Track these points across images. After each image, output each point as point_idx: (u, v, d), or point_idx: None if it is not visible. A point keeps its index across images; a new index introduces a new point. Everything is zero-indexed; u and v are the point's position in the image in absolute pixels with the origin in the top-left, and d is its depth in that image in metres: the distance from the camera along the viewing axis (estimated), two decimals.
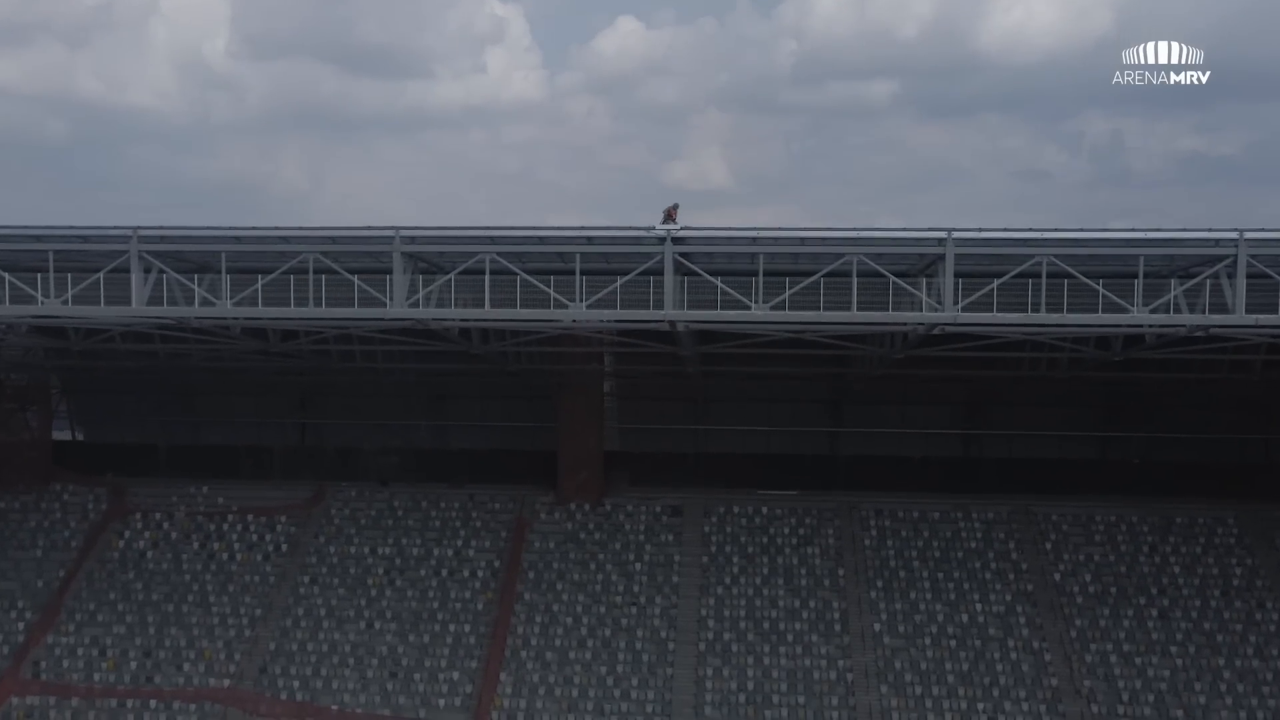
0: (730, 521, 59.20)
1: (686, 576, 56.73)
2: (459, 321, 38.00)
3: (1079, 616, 53.99)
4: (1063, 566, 56.29)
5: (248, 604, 55.96)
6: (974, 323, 34.73)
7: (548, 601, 55.61)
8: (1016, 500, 59.16)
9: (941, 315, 34.09)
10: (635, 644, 53.66)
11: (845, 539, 58.15)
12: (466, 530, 59.11)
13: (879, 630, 53.78)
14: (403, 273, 34.41)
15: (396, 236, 34.35)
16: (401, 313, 34.82)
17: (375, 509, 60.45)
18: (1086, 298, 34.59)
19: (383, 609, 55.53)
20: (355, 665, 53.04)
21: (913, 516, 58.86)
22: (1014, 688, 51.10)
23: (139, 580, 57.07)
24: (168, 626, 54.89)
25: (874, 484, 60.55)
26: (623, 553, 57.81)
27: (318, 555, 58.21)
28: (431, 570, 57.20)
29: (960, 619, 54.16)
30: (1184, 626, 53.27)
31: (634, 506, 59.94)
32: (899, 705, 50.70)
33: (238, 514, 60.24)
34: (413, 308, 35.13)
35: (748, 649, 53.32)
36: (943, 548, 57.40)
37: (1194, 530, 57.56)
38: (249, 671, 52.94)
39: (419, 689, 52.07)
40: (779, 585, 56.00)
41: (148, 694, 52.16)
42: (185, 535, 59.31)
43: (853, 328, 36.84)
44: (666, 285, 33.87)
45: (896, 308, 34.97)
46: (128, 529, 59.79)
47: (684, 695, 51.49)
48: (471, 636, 54.19)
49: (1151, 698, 50.43)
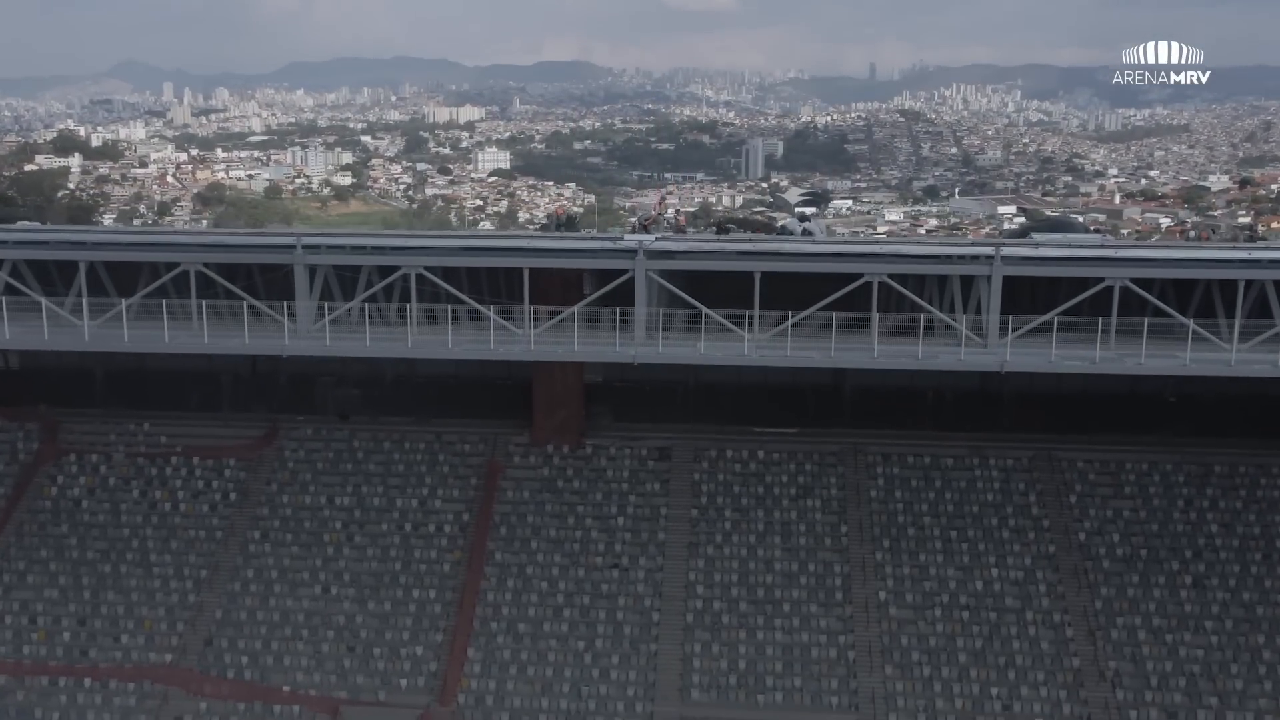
0: (723, 467, 53.69)
1: (674, 534, 51.57)
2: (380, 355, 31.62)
3: (1105, 585, 49.00)
4: (1088, 524, 51.01)
5: (192, 564, 51.02)
6: (1028, 368, 28.44)
7: (521, 563, 50.62)
8: (1038, 444, 53.40)
9: (986, 357, 27.70)
10: (617, 614, 48.89)
11: (849, 489, 52.73)
12: (433, 477, 53.67)
13: (884, 599, 48.92)
14: (307, 293, 27.91)
15: (298, 245, 27.71)
16: (302, 347, 28.50)
17: (334, 450, 54.89)
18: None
19: (340, 570, 50.61)
20: (309, 638, 48.40)
21: (924, 463, 53.30)
22: (1031, 669, 46.49)
23: (73, 535, 52.02)
24: (104, 591, 50.10)
25: (881, 420, 54.66)
26: (604, 504, 52.53)
27: (269, 506, 52.94)
28: (394, 525, 52.03)
29: (974, 586, 49.24)
30: (1220, 597, 48.33)
31: (617, 449, 54.34)
32: (904, 690, 46.20)
33: (182, 455, 54.75)
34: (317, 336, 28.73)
35: (740, 621, 48.56)
36: (956, 500, 52.04)
37: (1234, 481, 52.08)
38: (193, 645, 48.34)
39: (378, 666, 47.56)
40: (775, 545, 50.88)
41: (82, 671, 47.68)
42: (124, 481, 53.96)
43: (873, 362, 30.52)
44: (638, 313, 27.45)
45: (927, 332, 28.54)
46: (61, 473, 54.42)
47: (669, 675, 46.98)
48: (437, 604, 49.39)
49: (1183, 681, 45.83)
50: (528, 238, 28.18)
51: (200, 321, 28.96)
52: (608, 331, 28.94)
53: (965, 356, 27.93)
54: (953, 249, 28.12)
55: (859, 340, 29.50)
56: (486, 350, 28.98)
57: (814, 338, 28.62)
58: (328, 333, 28.47)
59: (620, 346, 28.12)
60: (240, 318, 29.13)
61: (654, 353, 28.85)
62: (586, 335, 29.48)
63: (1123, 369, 28.18)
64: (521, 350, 28.49)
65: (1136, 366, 28.03)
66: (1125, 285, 27.07)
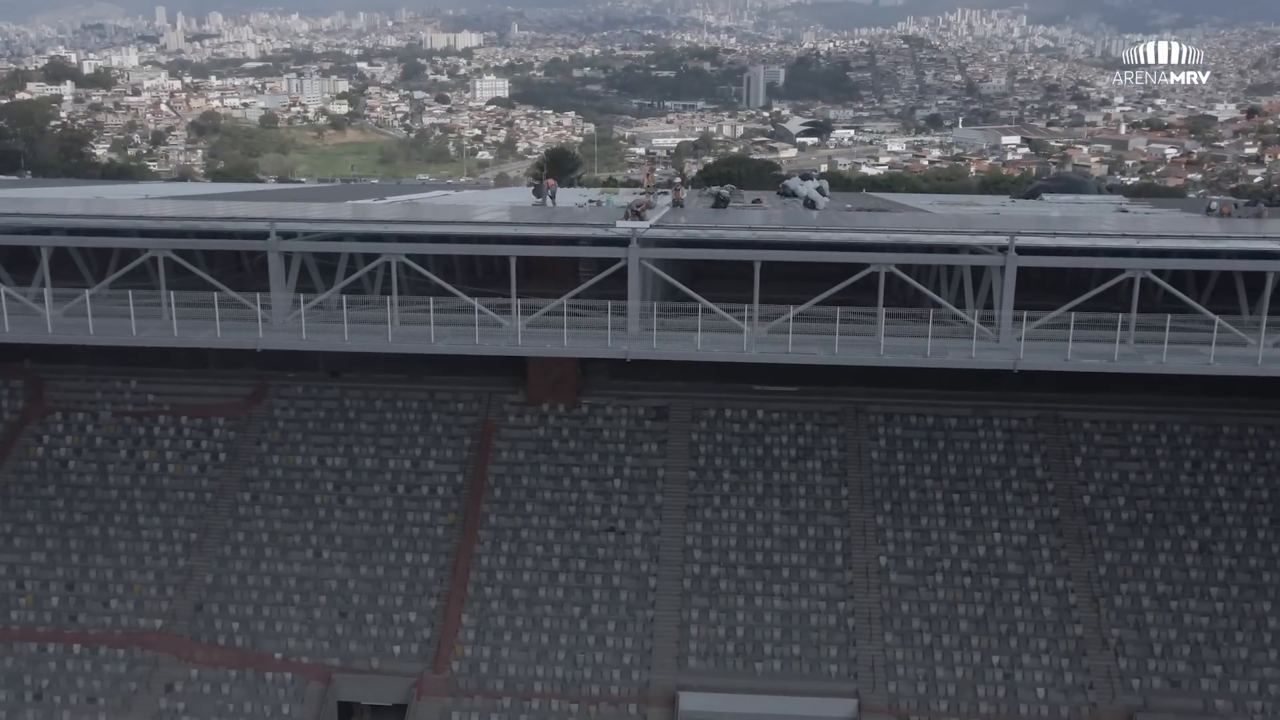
0: (721, 428, 52.63)
1: (671, 495, 50.63)
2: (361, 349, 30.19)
3: (1109, 550, 48.18)
4: (1093, 487, 50.07)
5: (182, 527, 50.11)
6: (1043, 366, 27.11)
7: (516, 526, 49.73)
8: (1044, 404, 52.25)
9: (998, 354, 26.36)
10: (613, 579, 48.08)
11: (850, 450, 51.71)
12: (426, 437, 52.61)
13: (885, 565, 48.11)
14: (282, 282, 26.50)
15: (272, 232, 26.26)
16: (277, 340, 27.17)
17: (324, 409, 53.77)
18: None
19: (332, 534, 49.74)
20: (301, 604, 47.64)
21: (927, 424, 52.24)
22: (1033, 637, 45.78)
23: (60, 497, 51.06)
24: (93, 554, 49.26)
25: (883, 379, 53.26)
26: (600, 466, 51.53)
27: (259, 467, 51.93)
28: (386, 487, 51.05)
29: (976, 551, 48.42)
30: (1227, 563, 47.54)
31: (614, 408, 53.23)
32: (904, 658, 45.50)
33: (170, 414, 53.65)
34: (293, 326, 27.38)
35: (738, 586, 47.78)
36: (959, 462, 51.05)
37: (1243, 443, 51.07)
38: (183, 610, 47.55)
39: (371, 633, 46.83)
40: (774, 508, 49.95)
41: (71, 637, 46.91)
42: (111, 440, 52.89)
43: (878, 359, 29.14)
44: (631, 306, 26.06)
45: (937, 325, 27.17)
46: (47, 432, 53.33)
47: (665, 643, 46.25)
48: (430, 569, 48.59)
49: (1186, 650, 45.15)
50: (516, 223, 26.58)
51: (169, 310, 27.55)
52: (603, 316, 27.58)
53: (976, 354, 26.55)
54: (964, 238, 26.45)
55: (863, 327, 28.12)
56: (471, 345, 27.64)
57: (817, 325, 27.25)
58: (304, 324, 27.08)
59: (613, 342, 26.78)
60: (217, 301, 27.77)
61: (648, 348, 27.54)
62: (582, 319, 28.11)
63: (1143, 368, 26.89)
64: (508, 345, 27.16)
65: (1158, 365, 26.69)
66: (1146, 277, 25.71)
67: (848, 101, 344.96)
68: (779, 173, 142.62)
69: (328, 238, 28.21)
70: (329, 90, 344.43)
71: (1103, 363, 26.51)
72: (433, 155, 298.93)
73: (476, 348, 27.96)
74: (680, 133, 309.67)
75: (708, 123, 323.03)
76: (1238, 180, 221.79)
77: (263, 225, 26.54)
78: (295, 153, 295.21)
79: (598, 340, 27.54)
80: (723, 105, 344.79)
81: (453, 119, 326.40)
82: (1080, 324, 26.94)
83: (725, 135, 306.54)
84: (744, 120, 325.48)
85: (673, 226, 26.82)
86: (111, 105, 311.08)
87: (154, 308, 28.91)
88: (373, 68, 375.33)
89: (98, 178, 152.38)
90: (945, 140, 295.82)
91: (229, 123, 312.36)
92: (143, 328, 28.55)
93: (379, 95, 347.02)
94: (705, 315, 27.98)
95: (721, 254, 29.11)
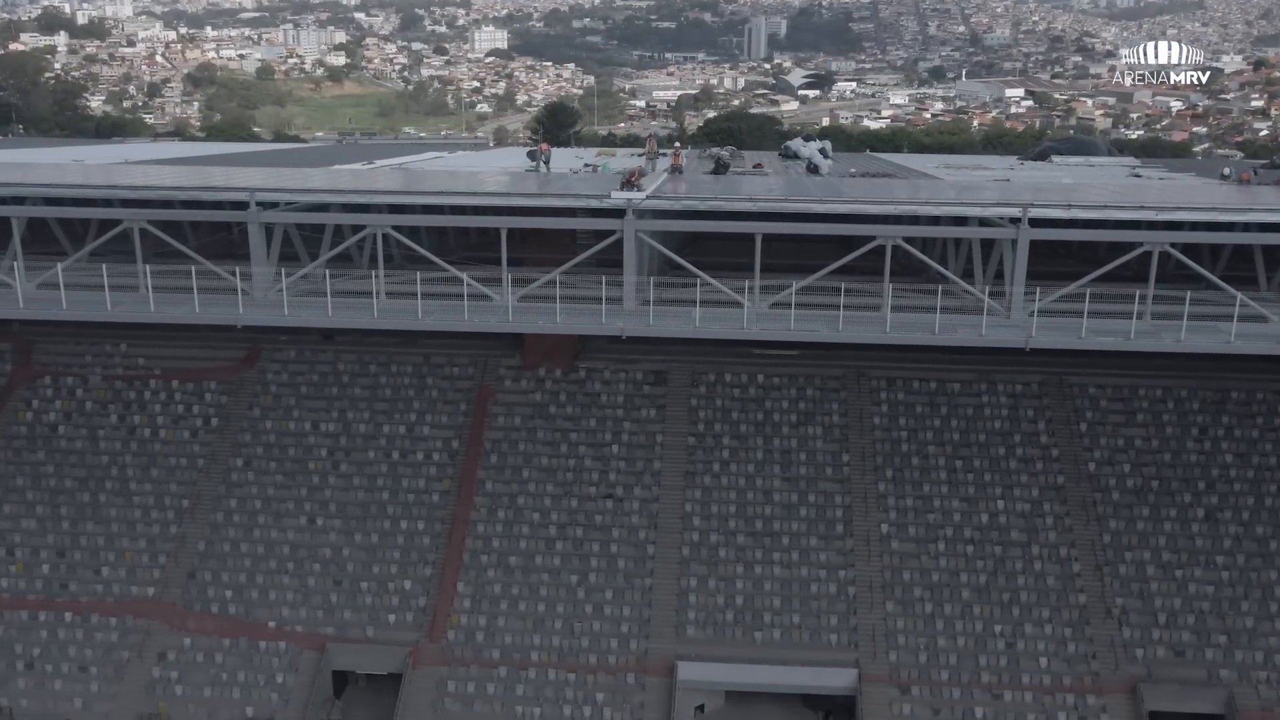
0: (721, 392, 51.80)
1: (670, 461, 49.89)
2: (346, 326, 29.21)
3: (1114, 517, 47.50)
4: (1098, 454, 49.31)
5: (173, 493, 49.41)
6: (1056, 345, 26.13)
7: (512, 493, 49.04)
8: (1049, 368, 51.34)
9: (1009, 331, 25.38)
10: (610, 547, 47.45)
11: (852, 416, 50.91)
12: (421, 401, 51.81)
13: (887, 532, 47.46)
14: (263, 254, 25.47)
15: (252, 201, 25.21)
16: (258, 316, 26.18)
17: (318, 372, 52.94)
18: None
19: (326, 501, 49.05)
20: (295, 571, 47.03)
21: (929, 388, 51.42)
22: (1036, 606, 45.21)
23: (50, 462, 50.33)
24: (84, 521, 48.61)
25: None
26: (598, 431, 50.76)
27: (252, 432, 51.17)
28: (381, 452, 50.30)
29: (979, 519, 47.75)
30: (1233, 531, 46.87)
31: (611, 373, 52.38)
32: (905, 627, 44.93)
33: (160, 378, 52.82)
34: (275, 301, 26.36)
35: (737, 554, 47.15)
36: (963, 428, 50.27)
37: (1252, 409, 50.26)
38: (175, 578, 46.96)
39: (365, 601, 46.24)
40: (774, 474, 49.23)
41: (62, 605, 46.37)
42: (102, 405, 52.09)
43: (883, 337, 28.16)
44: (626, 280, 25.10)
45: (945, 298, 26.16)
46: (36, 397, 52.53)
47: (664, 612, 45.68)
48: (426, 536, 47.94)
49: (1191, 619, 44.57)
50: (506, 194, 25.55)
51: (146, 283, 26.54)
52: (600, 283, 26.59)
53: (987, 331, 25.62)
54: (976, 209, 25.37)
55: (868, 299, 27.16)
56: (460, 321, 26.68)
57: (820, 298, 26.27)
58: (285, 300, 26.09)
59: (608, 318, 25.79)
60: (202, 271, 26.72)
61: (644, 325, 26.58)
62: (578, 289, 27.15)
63: (1161, 346, 25.95)
64: (499, 321, 26.20)
65: (1176, 344, 25.71)
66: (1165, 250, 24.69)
67: (850, 53, 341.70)
68: (780, 128, 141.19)
69: (311, 208, 27.17)
70: (326, 41, 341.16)
71: (1119, 340, 25.54)
72: (431, 108, 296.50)
73: (465, 324, 27.02)
74: (681, 85, 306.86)
75: (708, 75, 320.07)
76: (1243, 134, 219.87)
77: (243, 195, 25.50)
78: (293, 105, 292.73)
79: (592, 317, 26.53)
80: (724, 57, 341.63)
81: (451, 71, 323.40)
82: (1092, 297, 25.94)
83: (726, 88, 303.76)
84: (745, 72, 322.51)
85: (670, 197, 25.73)
86: (106, 57, 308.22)
87: (136, 279, 27.95)
88: (370, 18, 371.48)
89: (92, 131, 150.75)
90: (948, 93, 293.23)
91: (225, 74, 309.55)
92: (119, 301, 27.52)
93: (376, 46, 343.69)
94: (704, 287, 27.01)
95: (721, 226, 28.12)
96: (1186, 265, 28.52)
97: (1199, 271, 25.78)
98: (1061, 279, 32.72)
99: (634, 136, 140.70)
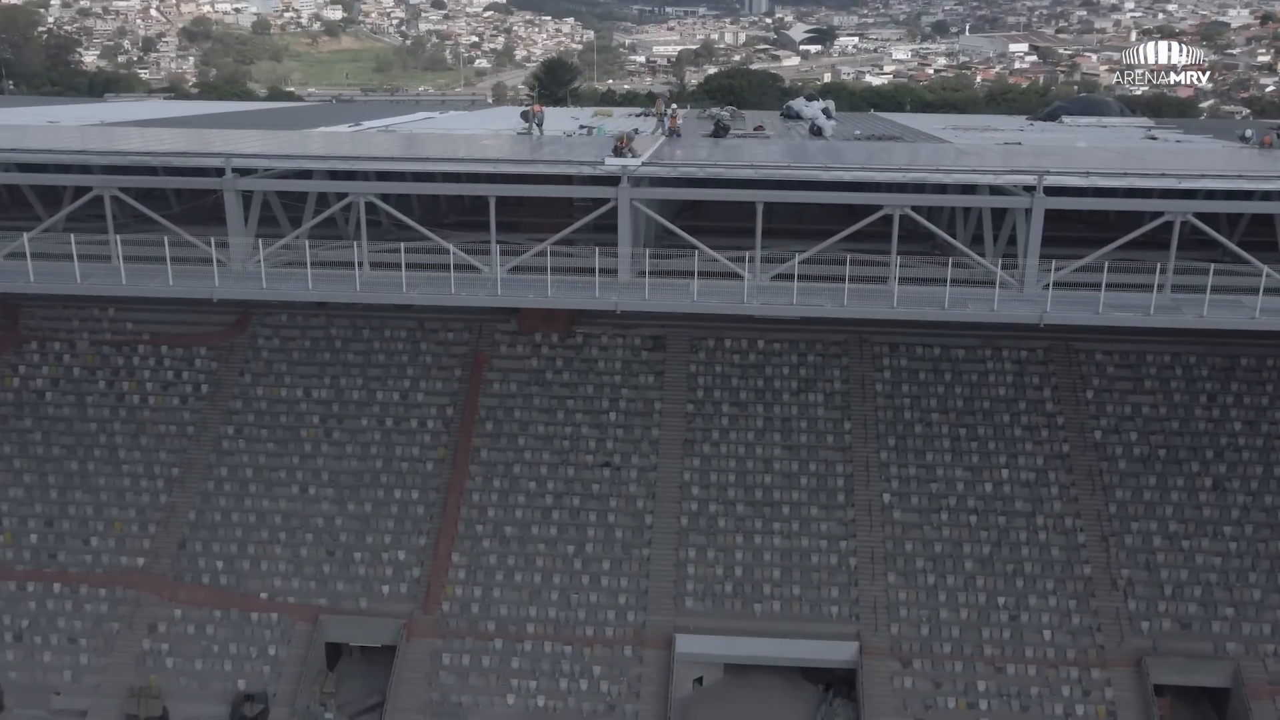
0: (720, 359, 50.83)
1: (668, 430, 49.00)
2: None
3: (1120, 487, 46.67)
4: (1105, 422, 48.43)
5: (163, 462, 48.56)
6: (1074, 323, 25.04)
7: (508, 461, 48.18)
8: (1055, 334, 50.24)
9: (1022, 307, 24.27)
10: (608, 516, 46.68)
11: (854, 382, 49.96)
12: (415, 368, 50.82)
13: (889, 502, 46.65)
14: (240, 223, 24.34)
15: (227, 167, 24.05)
16: (235, 290, 25.07)
17: (310, 338, 51.92)
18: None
19: (318, 469, 48.20)
20: (287, 541, 46.27)
21: (933, 354, 50.42)
22: (1040, 577, 44.49)
23: (37, 430, 49.45)
24: (72, 490, 47.79)
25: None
26: (595, 398, 49.82)
27: (243, 399, 50.23)
28: (374, 420, 49.39)
29: (983, 488, 46.93)
30: (1241, 501, 46.07)
31: (609, 339, 51.37)
32: (907, 599, 44.22)
33: (150, 343, 51.82)
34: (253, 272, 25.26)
35: (736, 524, 46.37)
36: (967, 395, 49.34)
37: (1261, 375, 49.30)
38: (165, 548, 46.19)
39: (359, 572, 45.51)
40: (775, 443, 48.35)
41: (51, 576, 45.66)
42: (90, 371, 51.12)
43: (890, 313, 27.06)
44: (621, 252, 24.02)
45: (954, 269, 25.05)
46: (23, 362, 51.53)
47: (662, 583, 44.95)
48: (420, 505, 47.12)
49: (1198, 591, 43.87)
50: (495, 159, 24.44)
51: (118, 253, 25.46)
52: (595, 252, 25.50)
53: (999, 306, 24.53)
54: (989, 177, 24.18)
55: (874, 270, 26.10)
56: (446, 295, 25.65)
57: (824, 269, 25.20)
58: (263, 271, 25.00)
59: (601, 291, 24.76)
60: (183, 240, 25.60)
61: (639, 299, 25.55)
62: (572, 259, 26.05)
63: (1182, 322, 24.89)
64: (487, 295, 25.17)
65: (1198, 320, 24.63)
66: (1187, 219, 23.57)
67: (852, 7, 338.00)
68: (782, 85, 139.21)
69: (290, 174, 26.05)
70: None
71: (1138, 316, 24.45)
72: (429, 63, 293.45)
73: (452, 298, 25.98)
74: (681, 40, 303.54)
75: (709, 29, 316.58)
76: (1249, 89, 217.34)
77: (217, 161, 24.36)
78: (289, 60, 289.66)
79: (585, 290, 25.50)
80: (724, 11, 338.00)
81: (449, 25, 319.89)
82: (1108, 269, 24.84)
83: (727, 43, 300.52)
84: (746, 27, 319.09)
85: (667, 164, 24.58)
86: (100, 10, 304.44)
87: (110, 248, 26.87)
88: None
89: (85, 87, 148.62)
90: (951, 48, 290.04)
91: (221, 29, 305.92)
92: (90, 273, 26.40)
93: (374, 1, 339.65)
94: (703, 259, 25.95)
95: (721, 194, 26.98)
96: (1202, 232, 27.46)
97: (1221, 241, 24.63)
98: (1071, 245, 31.65)
99: (634, 94, 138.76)
